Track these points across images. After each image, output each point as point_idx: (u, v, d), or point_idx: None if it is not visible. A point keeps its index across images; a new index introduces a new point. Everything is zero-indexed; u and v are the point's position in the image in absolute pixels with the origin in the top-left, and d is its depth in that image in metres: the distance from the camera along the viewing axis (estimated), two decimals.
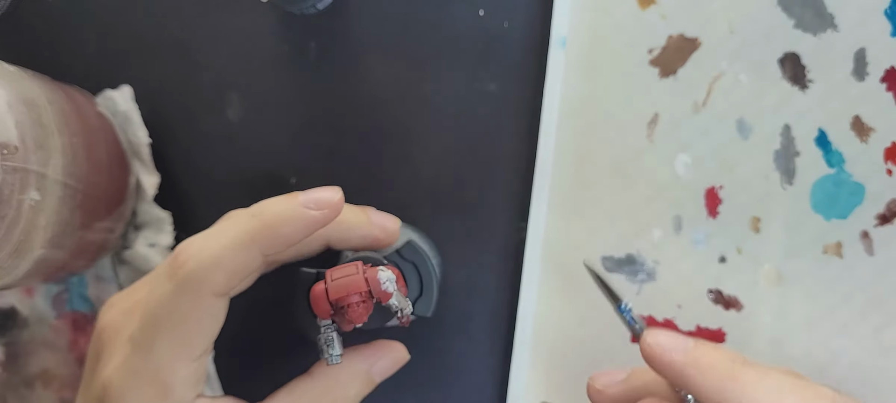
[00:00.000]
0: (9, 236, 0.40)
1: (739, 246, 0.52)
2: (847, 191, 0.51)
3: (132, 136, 0.54)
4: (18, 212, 0.40)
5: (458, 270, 0.55)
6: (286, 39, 0.54)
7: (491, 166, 0.54)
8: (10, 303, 0.56)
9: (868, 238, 0.51)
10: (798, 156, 0.51)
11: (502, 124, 0.54)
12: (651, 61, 0.52)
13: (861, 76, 0.50)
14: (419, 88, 0.54)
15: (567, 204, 0.53)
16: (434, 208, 0.55)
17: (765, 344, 0.52)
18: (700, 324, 0.53)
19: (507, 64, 0.54)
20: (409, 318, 0.43)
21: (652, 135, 0.53)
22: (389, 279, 0.40)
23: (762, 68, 0.51)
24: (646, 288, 0.53)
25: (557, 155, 0.53)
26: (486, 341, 0.56)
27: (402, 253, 0.45)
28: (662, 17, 0.52)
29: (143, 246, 0.54)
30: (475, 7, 0.53)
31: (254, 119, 0.55)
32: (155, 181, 0.54)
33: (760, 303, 0.52)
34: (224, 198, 0.55)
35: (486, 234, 0.55)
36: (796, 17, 0.50)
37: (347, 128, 0.55)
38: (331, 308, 0.40)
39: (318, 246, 0.46)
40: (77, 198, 0.45)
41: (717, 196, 0.52)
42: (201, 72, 0.55)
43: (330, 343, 0.41)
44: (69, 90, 0.50)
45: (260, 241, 0.37)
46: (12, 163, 0.39)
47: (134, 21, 0.54)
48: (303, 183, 0.55)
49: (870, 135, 0.50)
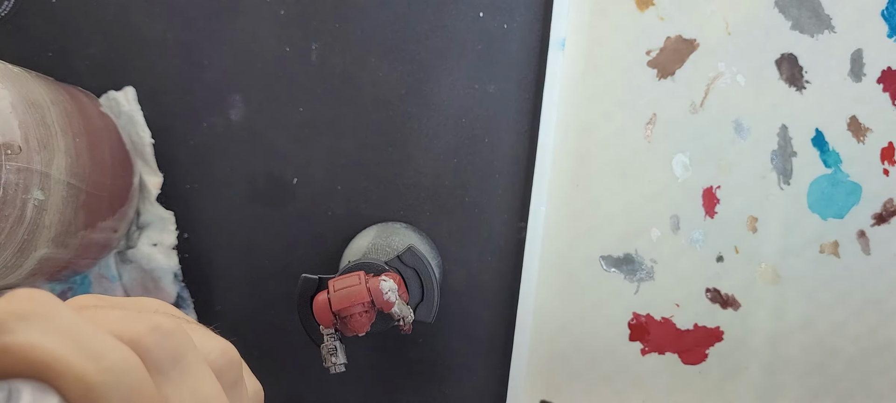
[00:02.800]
0: (13, 235, 0.40)
1: (737, 246, 0.52)
2: (844, 191, 0.51)
3: (135, 137, 0.54)
4: (23, 212, 0.40)
5: (458, 270, 0.56)
6: (288, 41, 0.55)
7: (491, 166, 0.55)
8: None
9: (865, 237, 0.51)
10: (795, 156, 0.51)
11: (502, 125, 0.54)
12: (649, 62, 0.52)
13: (858, 77, 0.50)
14: (420, 89, 0.55)
15: (566, 204, 0.54)
16: (434, 208, 0.55)
17: (762, 343, 0.53)
18: (698, 323, 0.53)
19: (506, 65, 0.54)
20: (411, 325, 0.43)
21: (650, 135, 0.53)
22: (391, 289, 0.40)
23: (759, 69, 0.51)
24: (644, 287, 0.54)
25: (557, 155, 0.53)
26: (485, 341, 0.56)
27: (403, 258, 0.45)
28: (660, 18, 0.52)
29: (147, 245, 0.55)
30: (475, 9, 0.54)
31: (256, 119, 0.55)
32: (158, 181, 0.55)
33: (758, 302, 0.52)
34: (227, 198, 0.56)
35: (485, 234, 0.55)
36: (793, 18, 0.51)
37: (348, 129, 0.55)
38: (334, 317, 0.40)
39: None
40: (81, 198, 0.45)
41: (714, 196, 0.52)
42: (204, 74, 0.55)
43: (333, 352, 0.41)
44: (73, 91, 0.50)
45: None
46: (16, 164, 0.39)
47: (137, 23, 0.55)
48: (304, 182, 0.56)
49: (866, 135, 0.51)
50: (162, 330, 0.20)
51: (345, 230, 0.55)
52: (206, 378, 0.21)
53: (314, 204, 0.56)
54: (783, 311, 0.52)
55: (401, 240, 0.48)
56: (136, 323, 0.20)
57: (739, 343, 0.53)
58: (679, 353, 0.54)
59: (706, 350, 0.54)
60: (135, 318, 0.20)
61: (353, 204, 0.55)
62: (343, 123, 0.55)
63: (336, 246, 0.56)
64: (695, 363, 0.54)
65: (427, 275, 0.45)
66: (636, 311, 0.54)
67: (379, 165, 0.55)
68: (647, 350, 0.54)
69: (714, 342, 0.53)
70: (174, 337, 0.20)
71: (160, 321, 0.20)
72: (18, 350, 0.17)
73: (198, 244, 0.56)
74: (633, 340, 0.54)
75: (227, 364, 0.23)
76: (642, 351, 0.54)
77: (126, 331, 0.20)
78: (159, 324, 0.20)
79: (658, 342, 0.54)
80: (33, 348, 0.17)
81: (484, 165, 0.55)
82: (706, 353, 0.54)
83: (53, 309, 0.18)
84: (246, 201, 0.56)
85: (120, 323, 0.20)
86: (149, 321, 0.20)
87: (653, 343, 0.54)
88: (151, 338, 0.20)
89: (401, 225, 0.54)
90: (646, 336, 0.54)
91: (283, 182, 0.56)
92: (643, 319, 0.54)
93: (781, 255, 0.52)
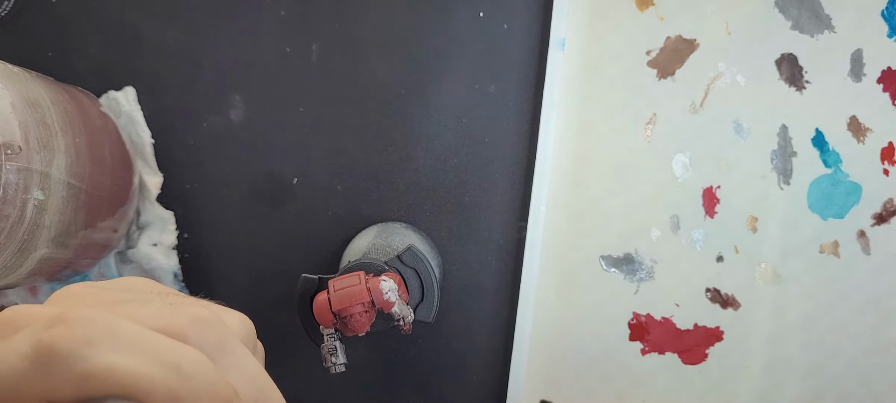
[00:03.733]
0: (13, 235, 0.40)
1: (737, 246, 0.52)
2: (844, 191, 0.51)
3: (135, 137, 0.54)
4: (23, 212, 0.40)
5: (458, 270, 0.56)
6: (288, 41, 0.55)
7: (491, 166, 0.55)
8: (13, 302, 0.56)
9: (865, 237, 0.51)
10: (795, 156, 0.51)
11: (502, 125, 0.54)
12: (649, 62, 0.52)
13: (858, 77, 0.50)
14: (420, 89, 0.55)
15: (566, 204, 0.54)
16: (434, 208, 0.55)
17: (762, 343, 0.53)
18: (698, 322, 0.53)
19: (506, 65, 0.54)
20: (411, 325, 0.43)
21: (650, 135, 0.53)
22: (391, 289, 0.40)
23: (759, 69, 0.51)
24: (644, 287, 0.54)
25: (556, 155, 0.53)
26: (485, 341, 0.56)
27: (403, 258, 0.45)
28: (660, 18, 0.52)
29: (147, 245, 0.55)
30: (475, 9, 0.54)
31: (256, 119, 0.55)
32: (158, 181, 0.55)
33: (758, 302, 0.52)
34: (227, 198, 0.56)
35: (485, 234, 0.55)
36: (793, 18, 0.51)
37: (348, 129, 0.55)
38: (334, 317, 0.41)
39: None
40: (81, 198, 0.45)
41: (714, 196, 0.52)
42: (204, 73, 0.55)
43: (333, 352, 0.41)
44: (73, 91, 0.50)
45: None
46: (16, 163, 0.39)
47: (137, 23, 0.55)
48: (304, 182, 0.56)
49: (867, 135, 0.51)
50: (203, 320, 0.20)
51: (345, 230, 0.55)
52: (246, 356, 0.22)
53: (314, 205, 0.56)
54: (783, 311, 0.52)
55: (401, 240, 0.48)
56: (176, 316, 0.20)
57: (739, 344, 0.53)
58: (679, 353, 0.54)
59: (706, 350, 0.54)
60: (172, 311, 0.20)
61: (353, 204, 0.55)
62: (343, 123, 0.55)
63: (336, 246, 0.56)
64: (695, 363, 0.54)
65: (427, 275, 0.45)
66: (636, 311, 0.54)
67: (379, 165, 0.55)
68: (647, 350, 0.54)
69: (714, 342, 0.53)
70: (214, 325, 0.21)
71: (197, 311, 0.20)
72: (100, 376, 0.17)
73: (198, 244, 0.56)
74: (633, 340, 0.54)
75: (247, 332, 0.25)
76: (642, 351, 0.54)
77: (170, 327, 0.20)
78: (199, 315, 0.20)
79: (658, 342, 0.54)
80: (114, 371, 0.17)
81: (484, 165, 0.55)
82: (706, 353, 0.54)
83: (112, 325, 0.18)
84: (246, 201, 0.56)
85: (161, 319, 0.20)
86: (187, 313, 0.20)
87: (653, 342, 0.54)
88: (195, 330, 0.20)
89: (401, 225, 0.54)
90: (646, 335, 0.54)
91: (283, 182, 0.56)
92: (643, 319, 0.54)
93: (781, 255, 0.52)
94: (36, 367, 0.16)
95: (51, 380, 0.16)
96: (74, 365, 0.16)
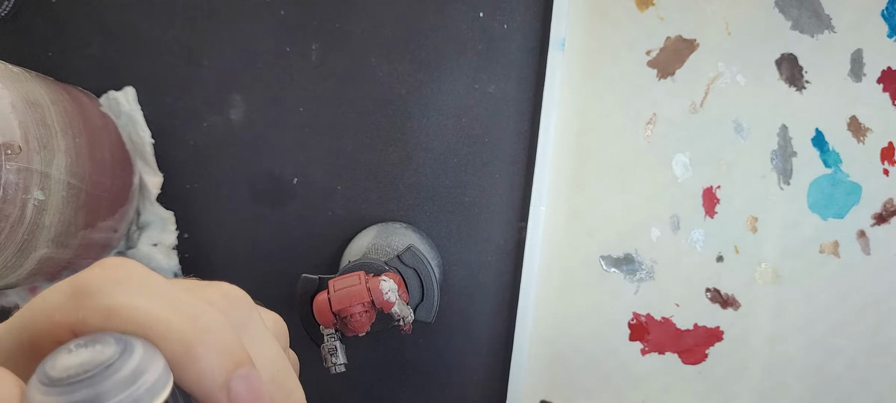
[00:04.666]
0: (13, 235, 0.40)
1: (737, 246, 0.52)
2: (844, 191, 0.51)
3: (135, 137, 0.54)
4: (23, 212, 0.40)
5: (458, 270, 0.56)
6: (288, 41, 0.55)
7: (491, 166, 0.55)
8: (14, 302, 0.56)
9: (865, 237, 0.51)
10: (795, 156, 0.51)
11: (502, 125, 0.54)
12: (649, 62, 0.52)
13: (858, 77, 0.50)
14: (420, 89, 0.55)
15: (566, 204, 0.54)
16: (435, 208, 0.55)
17: (762, 342, 0.53)
18: (698, 323, 0.53)
19: (506, 65, 0.54)
20: (411, 325, 0.43)
21: (650, 135, 0.53)
22: (391, 289, 0.40)
23: (759, 69, 0.51)
24: (644, 287, 0.54)
25: (556, 155, 0.53)
26: (485, 341, 0.56)
27: (403, 258, 0.45)
28: (660, 18, 0.52)
29: (147, 245, 0.55)
30: (475, 9, 0.54)
31: (256, 119, 0.55)
32: (158, 181, 0.55)
33: (758, 302, 0.52)
34: (227, 198, 0.56)
35: (485, 234, 0.55)
36: (793, 18, 0.51)
37: (348, 129, 0.55)
38: (334, 317, 0.41)
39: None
40: (81, 198, 0.45)
41: (714, 196, 0.52)
42: (204, 74, 0.55)
43: (333, 352, 0.41)
44: (73, 91, 0.50)
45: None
46: (16, 163, 0.39)
47: (137, 23, 0.55)
48: (304, 182, 0.56)
49: (867, 135, 0.51)
50: (231, 295, 0.22)
51: (345, 230, 0.55)
52: (270, 340, 0.23)
53: (314, 205, 0.56)
54: (783, 311, 0.52)
55: (401, 240, 0.48)
56: (207, 290, 0.21)
57: (739, 343, 0.53)
58: (679, 353, 0.54)
59: (706, 350, 0.54)
60: (204, 286, 0.22)
61: (353, 204, 0.55)
62: (343, 123, 0.55)
63: (336, 246, 0.56)
64: (695, 363, 0.54)
65: (427, 275, 0.45)
66: (636, 311, 0.54)
67: (379, 165, 0.55)
68: (647, 350, 0.54)
69: (714, 342, 0.53)
70: (243, 303, 0.22)
71: (230, 288, 0.22)
72: (121, 311, 0.18)
73: (198, 244, 0.56)
74: (633, 340, 0.54)
75: (280, 330, 0.26)
76: (642, 351, 0.54)
77: (200, 292, 0.21)
78: (228, 290, 0.22)
79: (658, 342, 0.54)
80: (136, 309, 0.18)
81: (484, 165, 0.55)
82: (706, 353, 0.54)
83: (145, 273, 0.19)
84: (246, 201, 0.56)
85: (193, 290, 0.21)
86: (218, 287, 0.22)
87: (653, 343, 0.54)
88: (223, 302, 0.21)
89: (401, 225, 0.54)
90: (646, 336, 0.54)
91: (284, 182, 0.56)
92: (643, 319, 0.54)
93: (781, 255, 0.52)
94: (69, 300, 0.18)
95: (80, 312, 0.18)
96: (101, 300, 0.18)
